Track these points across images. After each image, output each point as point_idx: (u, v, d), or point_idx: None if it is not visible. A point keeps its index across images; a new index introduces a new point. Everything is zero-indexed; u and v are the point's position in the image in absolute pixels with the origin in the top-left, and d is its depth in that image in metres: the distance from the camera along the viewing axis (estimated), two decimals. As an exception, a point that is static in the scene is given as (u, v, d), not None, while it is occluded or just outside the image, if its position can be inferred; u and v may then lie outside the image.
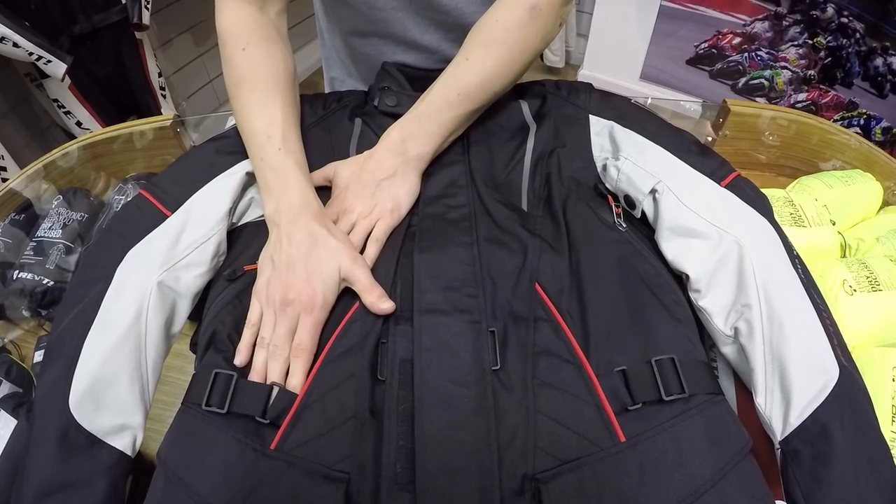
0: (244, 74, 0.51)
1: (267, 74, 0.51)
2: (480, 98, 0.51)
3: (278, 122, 0.49)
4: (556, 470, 0.35)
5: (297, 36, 2.22)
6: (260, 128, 0.49)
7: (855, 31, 1.57)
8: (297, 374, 0.40)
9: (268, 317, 0.42)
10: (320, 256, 0.43)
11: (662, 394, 0.37)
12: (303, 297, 0.41)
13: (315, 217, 0.45)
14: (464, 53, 0.51)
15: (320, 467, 0.36)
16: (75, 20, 1.23)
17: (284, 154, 0.48)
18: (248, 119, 0.50)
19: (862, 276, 0.56)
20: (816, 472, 0.36)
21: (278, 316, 0.42)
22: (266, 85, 0.50)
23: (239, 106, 0.51)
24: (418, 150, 0.50)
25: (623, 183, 0.50)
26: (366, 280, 0.42)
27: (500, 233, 0.46)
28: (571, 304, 0.42)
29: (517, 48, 0.50)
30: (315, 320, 0.42)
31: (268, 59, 0.52)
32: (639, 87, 2.08)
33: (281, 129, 0.49)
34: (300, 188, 0.47)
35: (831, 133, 0.77)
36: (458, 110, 0.50)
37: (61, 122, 1.35)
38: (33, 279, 0.66)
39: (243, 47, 0.51)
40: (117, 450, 0.40)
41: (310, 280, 0.42)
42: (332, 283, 0.43)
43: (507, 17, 0.50)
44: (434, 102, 0.50)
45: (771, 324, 0.40)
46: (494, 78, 0.50)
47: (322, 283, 0.42)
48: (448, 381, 0.38)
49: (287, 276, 0.42)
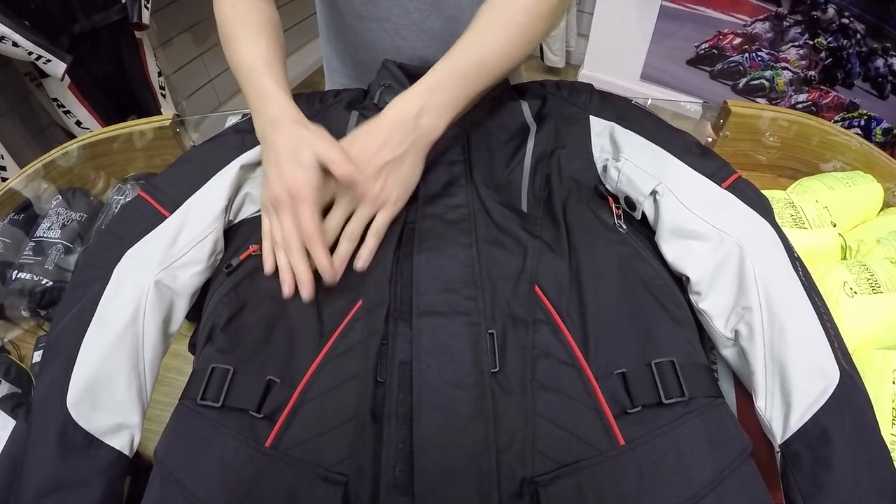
0: (234, 25, 0.55)
1: (253, 21, 0.55)
2: (494, 73, 0.50)
3: (262, 55, 0.52)
4: (555, 473, 0.35)
5: (297, 35, 2.22)
6: (247, 62, 0.52)
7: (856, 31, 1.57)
8: (320, 257, 0.43)
9: (273, 221, 0.46)
10: (298, 149, 0.45)
11: (662, 397, 0.37)
12: (291, 188, 0.44)
13: (294, 122, 0.47)
14: (477, 27, 0.51)
15: (318, 468, 0.35)
16: (75, 19, 1.23)
17: (267, 79, 0.50)
18: (236, 58, 0.53)
19: (862, 278, 0.56)
20: (816, 475, 0.36)
21: (279, 215, 0.45)
22: (252, 28, 0.54)
23: (230, 52, 0.54)
24: (434, 124, 0.48)
25: (623, 184, 0.50)
26: (337, 156, 0.45)
27: (500, 234, 0.46)
28: (571, 307, 0.42)
29: (529, 28, 0.51)
30: (309, 206, 0.43)
31: (254, 10, 0.56)
32: (639, 88, 2.08)
33: (264, 60, 0.51)
34: (279, 103, 0.49)
35: (832, 134, 0.77)
36: (474, 83, 0.49)
37: (61, 121, 1.35)
38: (32, 279, 0.65)
39: (232, 4, 0.55)
40: (115, 449, 0.40)
41: (293, 173, 0.44)
42: (311, 167, 0.45)
43: None
44: (450, 71, 0.49)
45: (772, 326, 0.40)
46: (512, 52, 0.51)
47: (303, 170, 0.44)
48: (446, 383, 0.37)
49: (275, 177, 0.45)
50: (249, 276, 0.46)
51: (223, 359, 0.41)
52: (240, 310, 0.44)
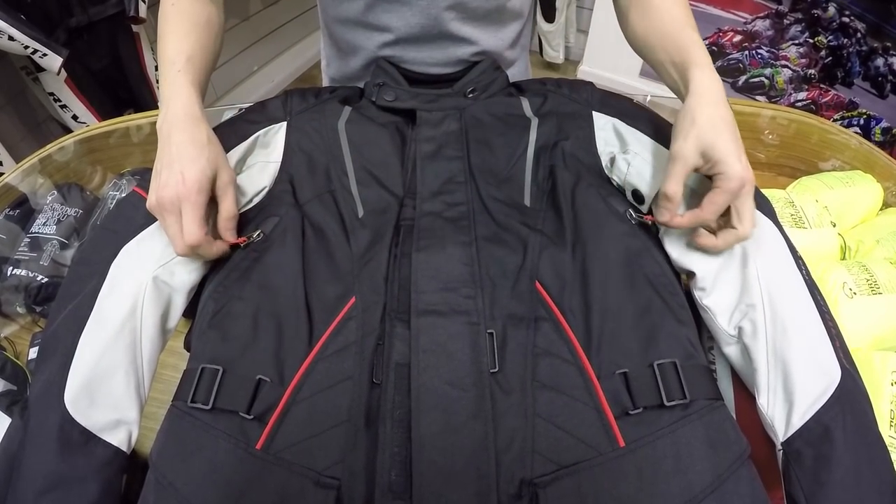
0: (168, 23, 0.54)
1: (187, 20, 0.54)
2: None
3: (185, 52, 0.51)
4: (555, 475, 0.35)
5: (296, 29, 2.21)
6: (169, 56, 0.51)
7: (856, 30, 1.57)
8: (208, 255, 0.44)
9: (162, 226, 0.45)
10: (193, 151, 0.45)
11: (664, 399, 0.37)
12: (180, 188, 0.43)
13: (194, 121, 0.47)
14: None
15: (310, 471, 0.35)
16: (71, 13, 1.21)
17: (182, 74, 0.49)
18: (161, 52, 0.52)
19: (862, 278, 0.56)
20: (818, 473, 0.36)
21: (164, 217, 0.44)
22: (186, 27, 0.53)
23: (160, 48, 0.53)
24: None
25: (633, 176, 0.50)
26: (226, 177, 0.46)
27: (500, 230, 0.46)
28: (574, 302, 0.42)
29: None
30: (193, 207, 0.43)
31: (191, 10, 0.54)
32: (639, 84, 2.08)
33: (186, 56, 0.50)
34: (185, 99, 0.48)
35: (831, 133, 0.77)
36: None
37: (57, 115, 1.34)
38: (28, 275, 0.65)
39: (173, 2, 0.54)
40: (112, 446, 0.39)
41: (182, 172, 0.43)
42: (201, 171, 0.44)
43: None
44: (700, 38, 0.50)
45: (774, 324, 0.40)
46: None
47: (194, 171, 0.44)
48: (445, 383, 0.37)
49: (167, 177, 0.44)
50: (237, 269, 0.45)
51: (213, 358, 0.41)
52: (226, 303, 0.43)
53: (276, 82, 2.20)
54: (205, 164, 0.44)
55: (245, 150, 0.53)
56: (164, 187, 0.43)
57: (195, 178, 0.43)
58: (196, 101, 0.48)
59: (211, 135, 0.47)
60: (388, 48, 0.60)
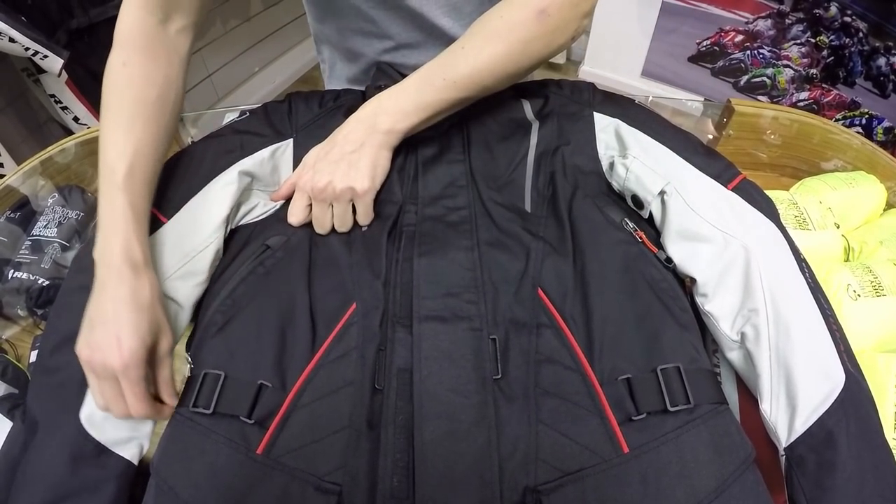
0: (112, 94, 0.47)
1: (134, 98, 0.47)
2: (468, 88, 0.49)
3: (128, 154, 0.44)
4: (558, 482, 0.34)
5: (296, 30, 2.21)
6: (108, 159, 0.44)
7: (858, 30, 1.56)
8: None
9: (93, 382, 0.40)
10: (132, 315, 0.39)
11: (668, 404, 0.37)
12: (114, 359, 0.38)
13: (134, 271, 0.41)
14: (461, 42, 0.50)
15: (311, 476, 0.35)
16: (72, 14, 1.21)
17: (122, 193, 0.43)
18: (101, 146, 0.45)
19: (866, 280, 0.56)
20: (821, 479, 0.36)
21: (98, 381, 0.39)
22: (129, 110, 0.46)
23: (101, 128, 0.46)
24: (389, 126, 0.48)
25: (632, 182, 0.49)
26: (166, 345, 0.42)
27: (502, 236, 0.46)
28: (575, 309, 0.41)
29: (517, 48, 0.48)
30: (133, 383, 0.39)
31: (142, 80, 0.48)
32: (640, 84, 2.07)
33: (128, 162, 0.44)
34: (123, 236, 0.41)
35: (833, 133, 0.76)
36: (440, 94, 0.48)
37: (58, 117, 1.34)
38: (29, 279, 0.65)
39: (124, 61, 0.49)
40: (125, 459, 0.40)
41: (119, 338, 0.38)
42: (141, 340, 0.39)
43: (511, 15, 0.48)
44: (417, 81, 0.49)
45: (777, 329, 0.40)
46: (486, 72, 0.48)
47: (133, 340, 0.39)
48: (448, 390, 0.37)
49: (101, 338, 0.39)
50: (244, 281, 0.45)
51: (216, 364, 0.41)
52: (235, 315, 0.43)
53: (277, 83, 2.20)
54: (145, 332, 0.39)
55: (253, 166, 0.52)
56: (96, 349, 0.38)
57: (132, 350, 0.38)
58: (137, 239, 0.42)
59: (154, 288, 0.41)
60: (388, 54, 0.60)
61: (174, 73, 0.51)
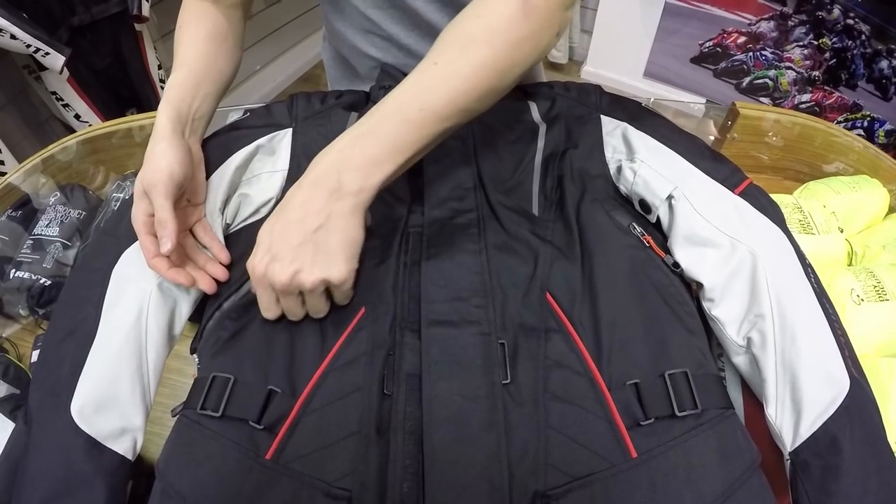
0: (183, 22, 0.54)
1: (206, 29, 0.53)
2: (450, 117, 0.40)
3: (182, 68, 0.51)
4: (568, 486, 0.34)
5: (298, 28, 2.21)
6: (177, 61, 0.52)
7: (861, 32, 1.57)
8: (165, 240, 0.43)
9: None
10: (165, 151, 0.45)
11: (675, 409, 0.37)
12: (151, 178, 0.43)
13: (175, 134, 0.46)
14: (432, 57, 0.40)
15: (320, 483, 0.35)
16: (74, 11, 1.21)
17: (165, 104, 0.48)
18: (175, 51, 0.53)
19: (869, 285, 0.56)
20: (826, 483, 0.36)
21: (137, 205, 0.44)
22: (192, 32, 0.53)
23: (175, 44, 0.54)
24: (359, 185, 0.38)
25: (639, 186, 0.49)
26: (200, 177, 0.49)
27: (510, 239, 0.45)
28: (583, 314, 0.41)
29: (504, 52, 0.40)
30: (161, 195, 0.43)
31: (211, 21, 0.54)
32: (642, 85, 2.07)
33: (181, 76, 0.50)
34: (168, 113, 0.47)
35: (835, 136, 0.77)
36: (418, 131, 0.39)
37: (60, 114, 1.34)
38: (31, 278, 0.65)
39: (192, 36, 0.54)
40: (118, 454, 0.39)
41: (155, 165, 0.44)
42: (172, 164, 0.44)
43: (493, 12, 0.40)
44: (387, 119, 0.39)
45: (783, 334, 0.40)
46: (471, 90, 0.39)
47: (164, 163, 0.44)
48: (457, 395, 0.37)
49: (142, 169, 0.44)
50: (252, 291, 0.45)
51: (225, 368, 0.40)
52: (247, 323, 0.43)
53: (279, 82, 2.20)
54: (183, 155, 0.45)
55: (248, 154, 0.52)
56: (140, 175, 0.44)
57: (167, 164, 0.43)
58: (176, 117, 0.47)
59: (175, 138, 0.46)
60: (391, 55, 0.60)
61: (232, 50, 0.57)
